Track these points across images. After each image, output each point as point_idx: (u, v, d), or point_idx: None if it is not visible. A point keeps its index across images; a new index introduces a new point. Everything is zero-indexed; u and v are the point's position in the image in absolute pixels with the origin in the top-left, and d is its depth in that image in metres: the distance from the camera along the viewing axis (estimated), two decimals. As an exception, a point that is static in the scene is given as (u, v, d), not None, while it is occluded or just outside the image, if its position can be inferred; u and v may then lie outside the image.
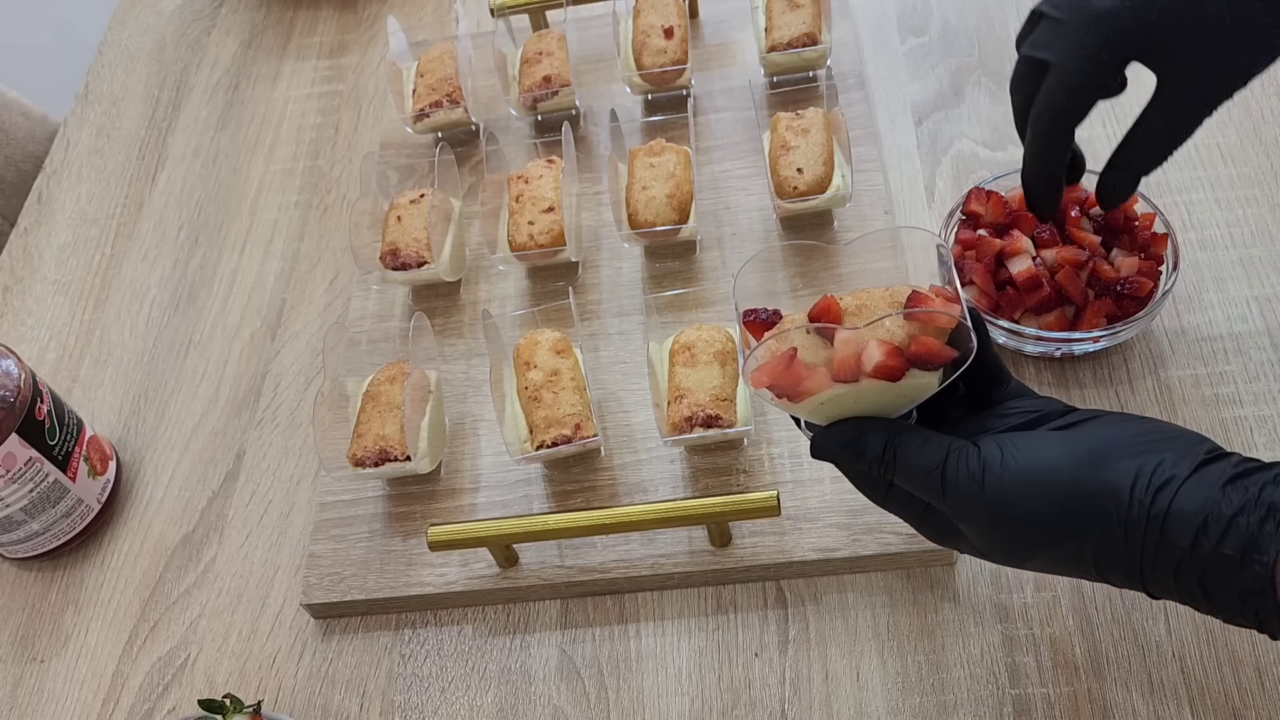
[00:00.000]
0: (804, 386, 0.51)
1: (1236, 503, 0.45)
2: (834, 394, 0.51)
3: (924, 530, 0.55)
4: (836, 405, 0.52)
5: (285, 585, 0.76)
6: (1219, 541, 0.44)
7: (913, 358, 0.50)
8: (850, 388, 0.51)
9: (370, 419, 0.75)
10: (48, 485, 0.76)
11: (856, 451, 0.53)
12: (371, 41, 1.12)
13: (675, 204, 0.81)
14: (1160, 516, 0.46)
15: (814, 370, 0.51)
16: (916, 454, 0.51)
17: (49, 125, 1.19)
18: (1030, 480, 0.48)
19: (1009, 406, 0.54)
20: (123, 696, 0.73)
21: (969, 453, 0.50)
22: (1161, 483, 0.46)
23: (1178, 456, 0.47)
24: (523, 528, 0.69)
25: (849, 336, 0.50)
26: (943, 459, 0.50)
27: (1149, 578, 0.47)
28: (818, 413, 0.53)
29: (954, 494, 0.50)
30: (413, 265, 0.83)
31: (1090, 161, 0.85)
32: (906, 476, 0.51)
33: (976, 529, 0.50)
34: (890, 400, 0.52)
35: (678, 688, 0.67)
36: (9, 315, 0.97)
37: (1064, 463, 0.48)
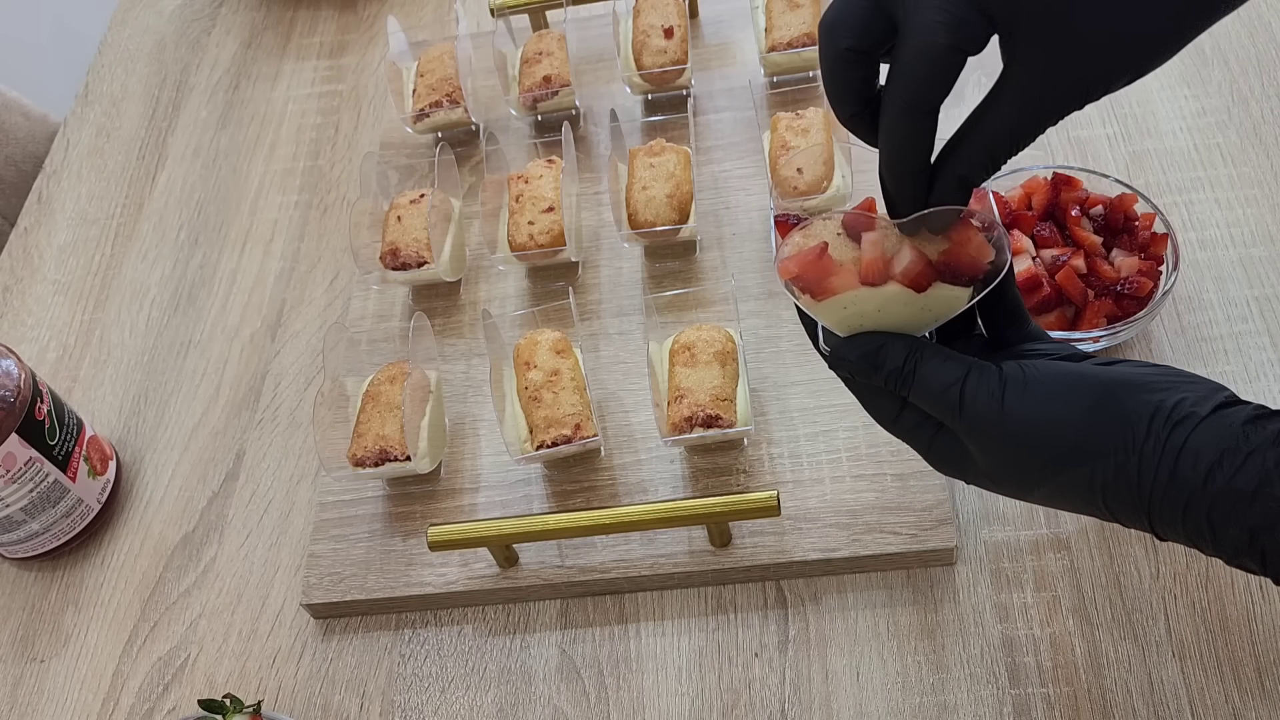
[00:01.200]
0: (830, 282, 0.50)
1: (1255, 441, 0.44)
2: (858, 295, 0.50)
3: (932, 457, 0.54)
4: (858, 312, 0.51)
5: (285, 585, 0.76)
6: (1233, 476, 0.44)
7: (941, 266, 0.49)
8: (876, 292, 0.50)
9: (370, 419, 0.75)
10: (48, 485, 0.76)
11: (875, 363, 0.51)
12: (371, 41, 1.12)
13: (675, 204, 0.81)
14: (1176, 450, 0.45)
15: (843, 267, 0.50)
16: (936, 369, 0.50)
17: (49, 125, 1.19)
18: (1050, 400, 0.47)
19: (1027, 348, 0.53)
20: (123, 696, 0.73)
21: (990, 371, 0.49)
22: (1180, 418, 0.46)
23: (1199, 397, 0.46)
24: (523, 528, 0.69)
25: (880, 237, 0.49)
26: (963, 375, 0.49)
27: (1156, 512, 0.46)
28: (840, 320, 0.52)
29: (970, 410, 0.49)
30: (413, 265, 0.83)
31: (1088, 161, 0.85)
32: (923, 392, 0.50)
33: (989, 450, 0.49)
34: (914, 314, 0.51)
35: (678, 688, 0.67)
36: (9, 315, 0.97)
37: (1085, 390, 0.47)
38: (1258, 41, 0.90)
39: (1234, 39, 0.91)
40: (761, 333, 0.79)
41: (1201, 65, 0.90)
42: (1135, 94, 0.89)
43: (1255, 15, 0.92)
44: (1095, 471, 0.47)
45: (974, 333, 0.55)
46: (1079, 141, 0.87)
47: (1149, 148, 0.85)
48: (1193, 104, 0.87)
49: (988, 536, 0.69)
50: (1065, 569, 0.67)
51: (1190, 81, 0.89)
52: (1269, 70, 0.88)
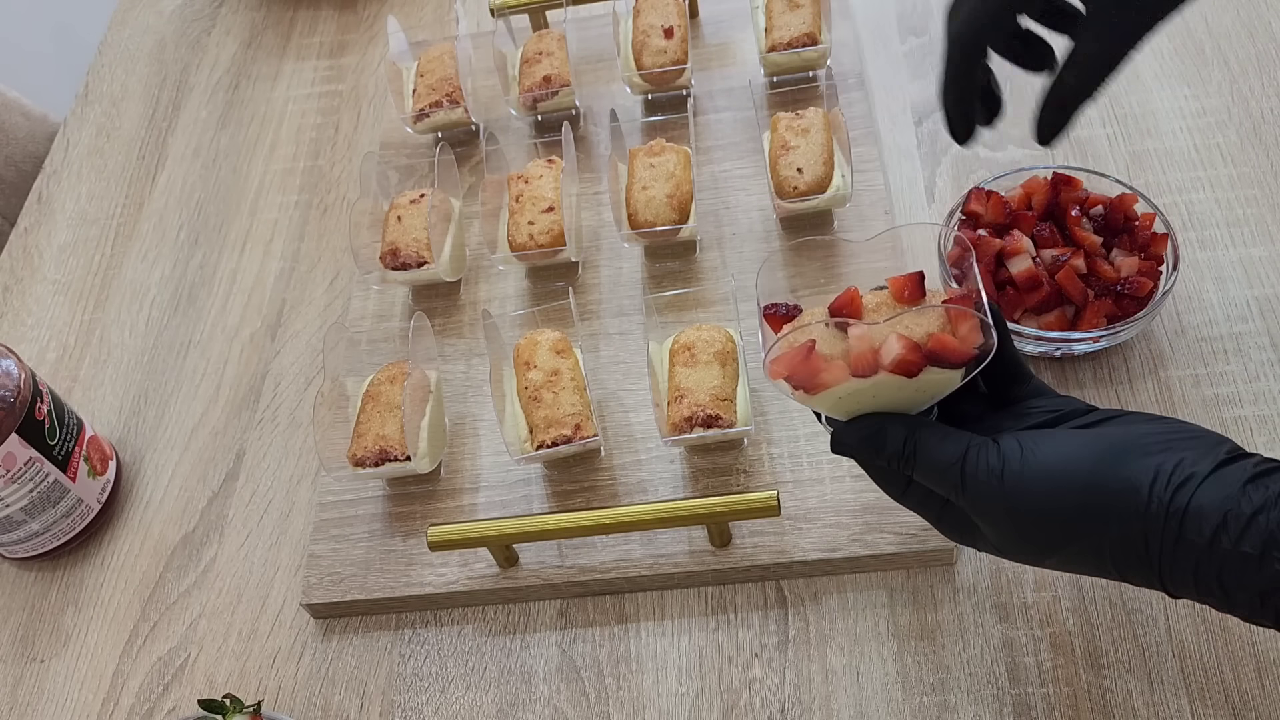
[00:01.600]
0: (821, 379, 0.51)
1: (1257, 501, 0.45)
2: (852, 388, 0.51)
3: (942, 527, 0.55)
4: (855, 400, 0.52)
5: (285, 585, 0.76)
6: (1238, 539, 0.44)
7: (930, 354, 0.50)
8: (868, 382, 0.51)
9: (370, 419, 0.75)
10: (48, 485, 0.76)
11: (876, 446, 0.53)
12: (371, 41, 1.12)
13: (675, 204, 0.81)
14: (1179, 513, 0.45)
15: (832, 363, 0.51)
16: (936, 449, 0.51)
17: (49, 125, 1.19)
18: (1049, 476, 0.48)
19: (1030, 405, 0.54)
20: (123, 696, 0.73)
21: (988, 448, 0.50)
22: (1181, 480, 0.46)
23: (1198, 455, 0.47)
24: (523, 528, 0.69)
25: (866, 331, 0.50)
26: (962, 454, 0.50)
27: (1167, 576, 0.47)
28: (836, 407, 0.53)
29: (973, 489, 0.50)
30: (413, 265, 0.83)
31: (1088, 161, 0.85)
32: (926, 472, 0.52)
33: (995, 525, 0.50)
34: (910, 396, 0.52)
35: (678, 688, 0.67)
36: (9, 315, 0.97)
37: (1083, 459, 0.48)
38: (1257, 41, 0.90)
39: (1234, 39, 0.91)
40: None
41: (1201, 65, 0.90)
42: (1135, 94, 0.89)
43: (1255, 15, 0.92)
44: (1102, 541, 0.48)
45: (977, 391, 0.56)
46: (1079, 141, 0.87)
47: (1149, 147, 0.85)
48: (1193, 104, 0.87)
49: (988, 536, 0.69)
50: (1065, 569, 0.67)
51: (1190, 81, 0.89)
52: (1269, 70, 0.88)
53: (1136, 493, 0.46)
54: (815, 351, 0.51)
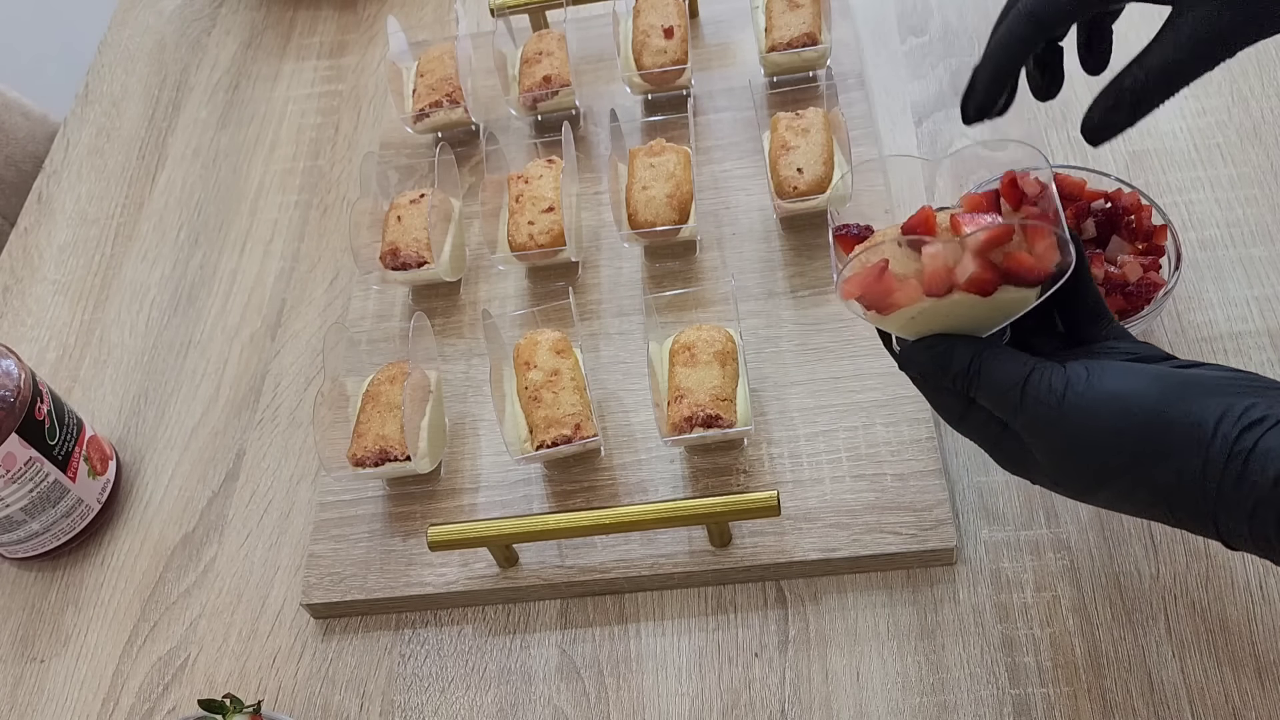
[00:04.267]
0: (894, 298, 0.50)
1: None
2: (925, 307, 0.50)
3: (998, 456, 0.54)
4: (927, 320, 0.51)
5: (285, 585, 0.76)
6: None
7: (1006, 271, 0.49)
8: (942, 301, 0.49)
9: (370, 419, 0.75)
10: (48, 485, 0.76)
11: (942, 365, 0.52)
12: (371, 41, 1.12)
13: (675, 204, 0.81)
14: (1244, 453, 0.44)
15: (905, 282, 0.49)
16: (1001, 368, 0.50)
17: (49, 125, 1.19)
18: (1111, 402, 0.47)
19: (1106, 346, 0.52)
20: (123, 696, 0.73)
21: (1053, 371, 0.49)
22: (1250, 422, 0.45)
23: (1271, 402, 0.45)
24: (523, 528, 0.69)
25: (941, 249, 0.49)
26: (1026, 374, 0.49)
27: (1222, 516, 0.45)
28: (907, 327, 0.52)
29: (1031, 409, 0.48)
30: (413, 265, 0.83)
31: (1089, 161, 0.85)
32: (988, 390, 0.50)
33: (1050, 450, 0.49)
34: (983, 315, 0.51)
35: (677, 688, 0.67)
36: (9, 315, 0.97)
37: (1149, 391, 0.47)
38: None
39: (1234, 39, 0.91)
40: (761, 333, 0.79)
41: (1201, 65, 0.89)
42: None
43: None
44: (1159, 475, 0.46)
45: (1053, 330, 0.55)
46: (1079, 141, 0.86)
47: (1149, 147, 0.85)
48: (1193, 104, 0.87)
49: (988, 536, 0.69)
50: (1065, 569, 0.67)
51: (1190, 81, 0.89)
52: (1269, 70, 0.88)
53: (1201, 428, 0.45)
54: (888, 271, 0.49)
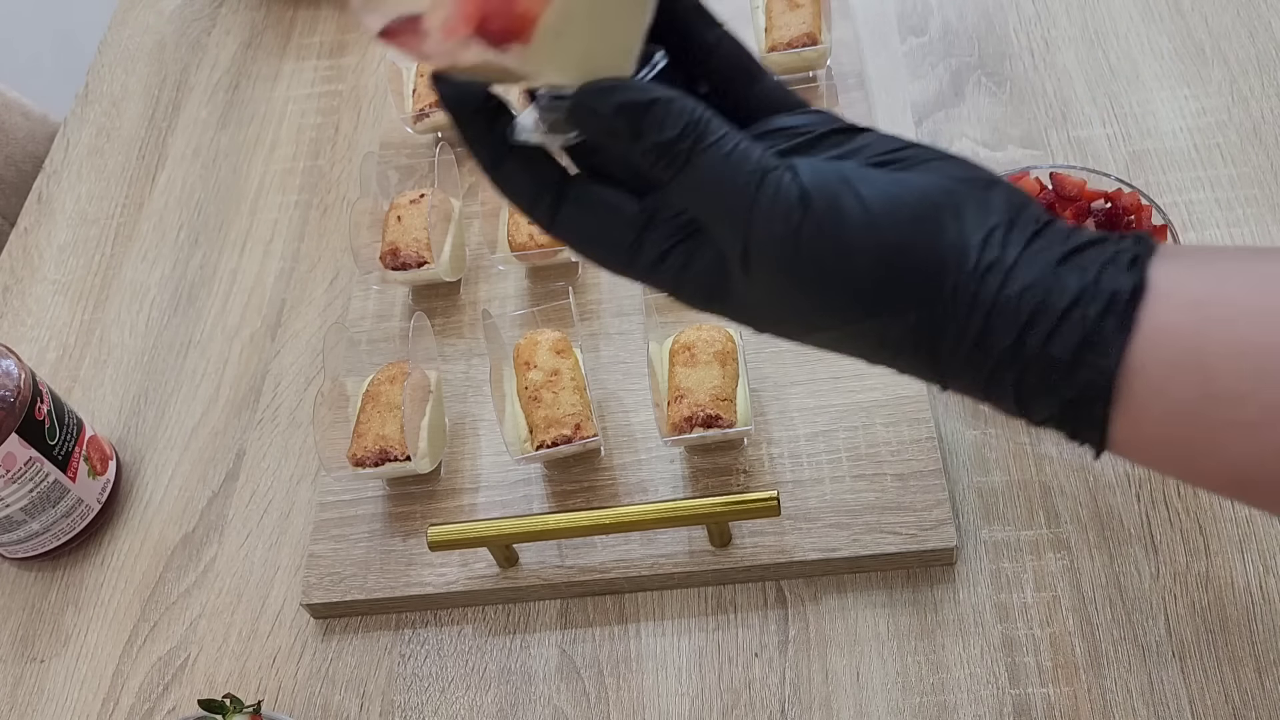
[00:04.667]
0: (523, 2, 0.37)
1: (1073, 289, 0.37)
2: (563, 3, 0.37)
3: (684, 289, 0.42)
4: (576, 25, 0.38)
5: (285, 585, 0.76)
6: (1046, 341, 0.37)
7: None
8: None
9: (370, 419, 0.75)
10: (48, 485, 0.76)
11: (639, 125, 0.38)
12: (372, 41, 1.12)
13: (675, 204, 0.81)
14: (986, 307, 0.37)
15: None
16: (727, 156, 0.38)
17: (49, 125, 1.19)
18: (857, 231, 0.38)
19: (776, 123, 0.42)
20: (122, 696, 0.73)
21: (787, 177, 0.38)
22: (990, 262, 0.37)
23: (1008, 220, 0.38)
24: (523, 528, 0.69)
25: None
26: (761, 174, 0.38)
27: (951, 371, 0.39)
28: (560, 55, 0.38)
29: (764, 229, 0.38)
30: (413, 265, 0.83)
31: (1088, 161, 0.85)
32: (701, 184, 0.39)
33: (767, 282, 0.39)
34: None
35: (677, 688, 0.67)
36: (9, 315, 0.97)
37: (892, 219, 0.38)
38: (1258, 41, 0.90)
39: (1234, 38, 0.91)
40: (761, 333, 0.79)
41: (1201, 65, 0.90)
42: (1135, 93, 0.89)
43: (1255, 15, 0.92)
44: (893, 323, 0.39)
45: (699, 90, 0.43)
46: (1079, 141, 0.87)
47: (1149, 147, 0.85)
48: (1193, 104, 0.87)
49: (988, 536, 0.69)
50: (1065, 569, 0.67)
51: (1190, 81, 0.89)
52: (1269, 70, 0.88)
53: (943, 273, 0.38)
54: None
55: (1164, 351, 0.36)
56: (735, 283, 0.40)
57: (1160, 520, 0.67)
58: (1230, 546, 0.66)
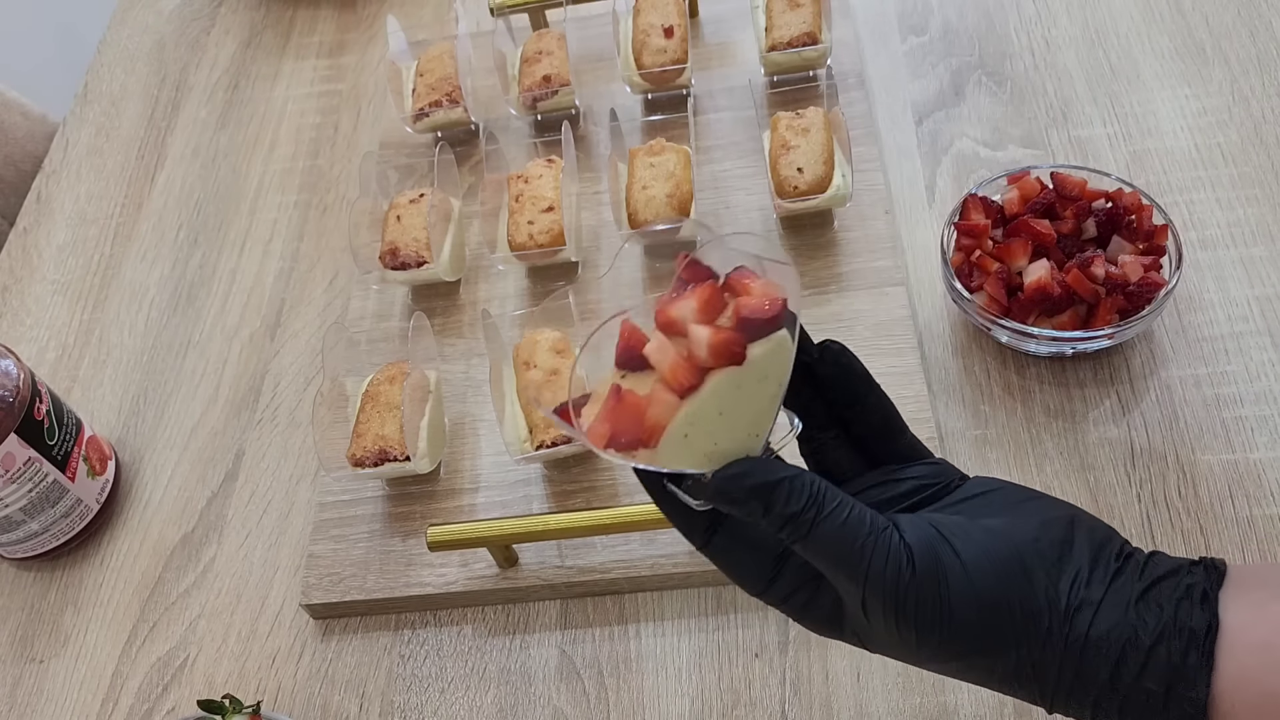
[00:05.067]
0: (651, 417, 0.42)
1: (1153, 627, 0.42)
2: (691, 411, 0.42)
3: (807, 620, 0.48)
4: (702, 431, 0.42)
5: (284, 585, 0.76)
6: (1139, 674, 0.42)
7: (743, 321, 0.42)
8: (703, 393, 0.42)
9: (370, 419, 0.75)
10: (47, 485, 0.76)
11: (769, 502, 0.43)
12: (371, 41, 1.12)
13: (675, 203, 0.81)
14: (1079, 644, 0.43)
15: (653, 395, 0.42)
16: (841, 517, 0.43)
17: (48, 125, 1.19)
18: (957, 585, 0.43)
19: (902, 472, 0.49)
20: (122, 697, 0.73)
21: (895, 541, 0.44)
22: (1077, 605, 0.43)
23: (1090, 566, 0.44)
24: (523, 528, 0.68)
25: (662, 341, 0.42)
26: (868, 535, 0.43)
27: (1063, 704, 0.44)
28: (688, 452, 0.43)
29: (876, 584, 0.43)
30: (412, 265, 0.83)
31: (1089, 160, 0.85)
32: (823, 546, 0.43)
33: (886, 626, 0.44)
34: (756, 392, 0.43)
35: (677, 688, 0.67)
36: (8, 315, 0.97)
37: (987, 573, 0.43)
38: (1258, 40, 0.90)
39: (1234, 38, 0.91)
40: (761, 332, 0.79)
41: (1202, 64, 0.89)
42: (1136, 93, 0.89)
43: (1256, 14, 0.92)
44: (1001, 663, 0.44)
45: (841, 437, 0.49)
46: (1079, 141, 0.87)
47: (1150, 147, 0.85)
48: (1193, 103, 0.87)
49: (988, 536, 0.69)
50: (1066, 569, 0.67)
51: (1191, 81, 0.89)
52: (1270, 69, 0.88)
53: (1038, 619, 0.43)
54: (625, 390, 0.42)
55: (1242, 693, 0.41)
56: (853, 621, 0.46)
57: (1160, 520, 0.67)
58: (1230, 546, 0.66)
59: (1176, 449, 0.70)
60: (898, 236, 0.83)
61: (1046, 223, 0.73)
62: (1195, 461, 0.69)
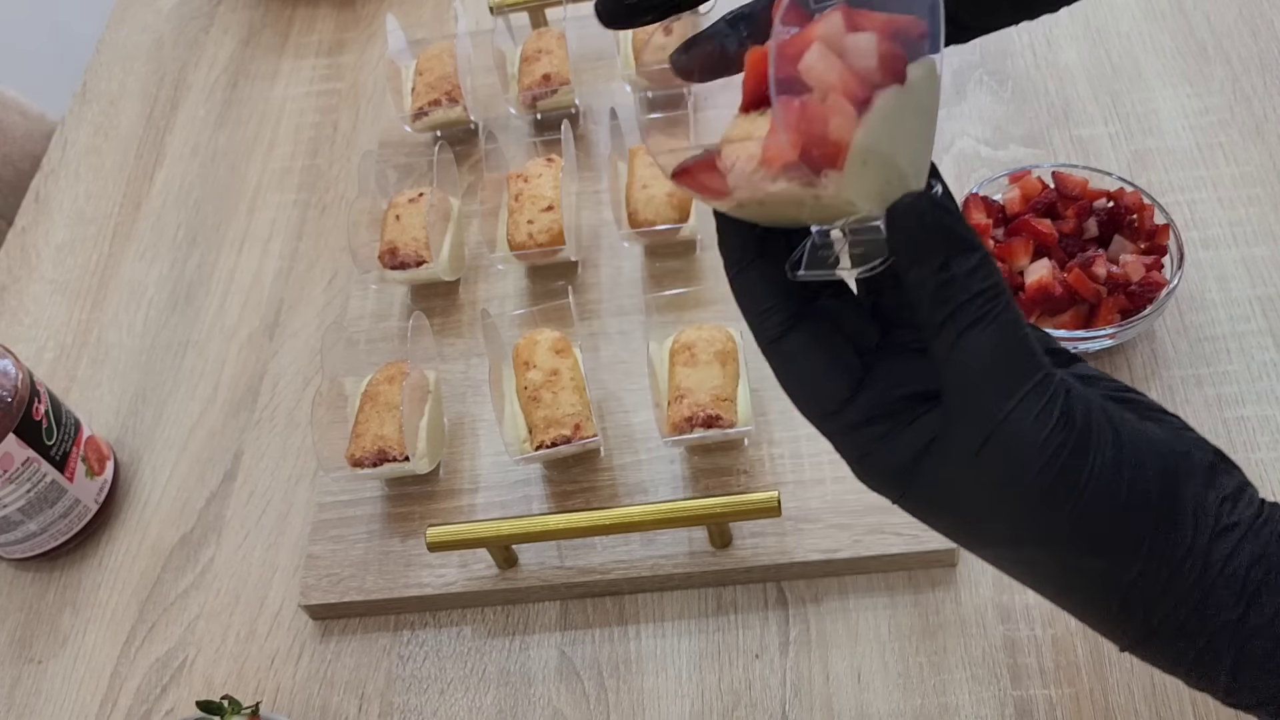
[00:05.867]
0: (834, 130, 0.35)
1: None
2: (866, 132, 0.35)
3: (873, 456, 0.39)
4: (876, 155, 0.36)
5: (283, 586, 0.76)
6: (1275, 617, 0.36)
7: (898, 36, 0.36)
8: (873, 116, 0.35)
9: (369, 419, 0.75)
10: (45, 485, 0.76)
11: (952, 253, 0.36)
12: (370, 39, 1.11)
13: (675, 203, 0.81)
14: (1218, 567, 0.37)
15: (830, 105, 0.36)
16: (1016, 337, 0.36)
17: (46, 124, 1.19)
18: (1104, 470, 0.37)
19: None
20: (120, 698, 0.73)
21: (1063, 390, 0.37)
22: (1225, 527, 0.37)
23: (1236, 490, 0.39)
24: (522, 528, 0.68)
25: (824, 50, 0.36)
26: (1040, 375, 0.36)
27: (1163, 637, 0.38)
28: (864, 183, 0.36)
29: (1018, 429, 0.36)
30: (411, 264, 0.83)
31: (1090, 160, 0.85)
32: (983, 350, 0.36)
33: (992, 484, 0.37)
34: (914, 126, 0.37)
35: (678, 689, 0.67)
36: (6, 315, 0.97)
37: (1146, 462, 0.37)
38: (1260, 39, 0.90)
39: (1236, 37, 0.90)
40: (762, 332, 0.79)
41: (1204, 63, 0.89)
42: (1137, 92, 0.89)
43: (1258, 13, 0.92)
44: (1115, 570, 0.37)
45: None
46: (1080, 140, 0.86)
47: (1151, 146, 0.85)
48: (1195, 102, 0.87)
49: (989, 537, 0.68)
50: (1067, 570, 0.66)
51: (1192, 80, 0.88)
52: (1271, 68, 0.88)
53: (1181, 529, 0.37)
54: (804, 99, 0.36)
55: None
56: (933, 472, 0.38)
57: (1163, 521, 0.67)
58: (1233, 547, 0.66)
59: (1178, 449, 0.70)
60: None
61: (1048, 222, 0.73)
62: (1197, 462, 0.69)
